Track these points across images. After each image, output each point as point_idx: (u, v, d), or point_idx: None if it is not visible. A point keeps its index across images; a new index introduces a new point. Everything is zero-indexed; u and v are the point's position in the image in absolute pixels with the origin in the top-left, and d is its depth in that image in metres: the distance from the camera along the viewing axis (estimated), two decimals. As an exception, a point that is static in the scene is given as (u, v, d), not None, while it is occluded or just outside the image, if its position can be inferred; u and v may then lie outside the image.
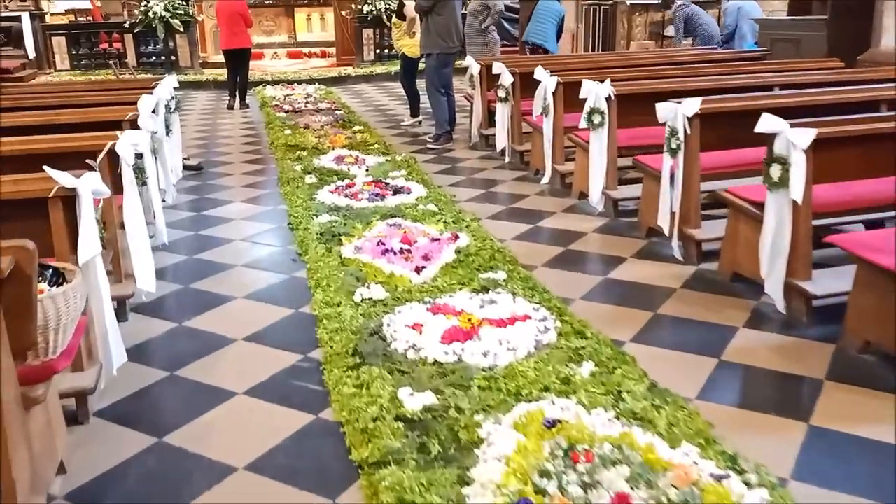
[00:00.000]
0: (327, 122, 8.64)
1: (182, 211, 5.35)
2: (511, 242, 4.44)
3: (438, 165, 6.63)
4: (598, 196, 4.88)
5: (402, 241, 4.27)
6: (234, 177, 6.42)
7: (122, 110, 4.30)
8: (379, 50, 13.73)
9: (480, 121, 7.33)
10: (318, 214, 5.00)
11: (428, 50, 7.27)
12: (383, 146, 7.33)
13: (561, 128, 5.58)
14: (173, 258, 4.35)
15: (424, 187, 5.65)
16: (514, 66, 6.39)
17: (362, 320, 3.34)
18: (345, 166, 6.40)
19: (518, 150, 6.48)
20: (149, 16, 12.50)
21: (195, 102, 11.28)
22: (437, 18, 7.10)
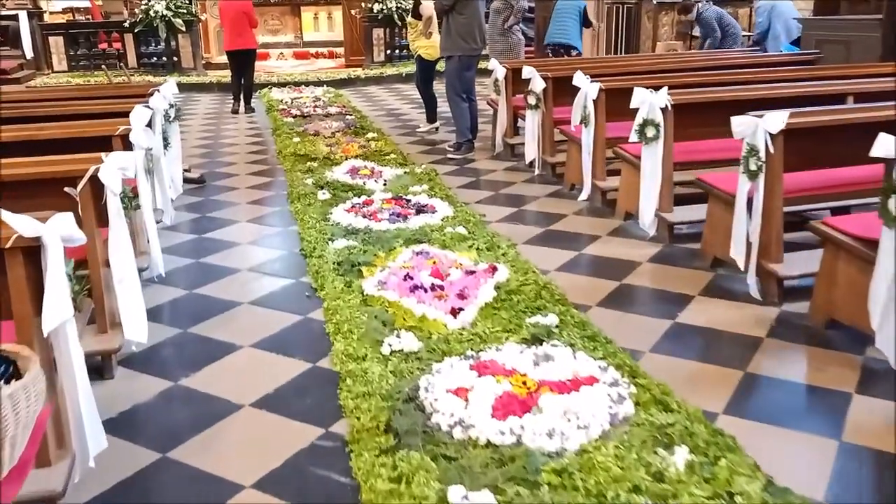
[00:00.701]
0: (338, 129, 8.09)
1: (181, 233, 4.80)
2: (556, 275, 3.88)
3: (461, 178, 6.08)
4: (649, 219, 4.32)
5: (433, 275, 3.72)
6: (240, 191, 5.86)
7: (112, 124, 3.75)
8: (389, 50, 13.18)
9: (505, 129, 6.77)
10: (333, 238, 4.45)
11: (449, 52, 6.71)
12: (400, 156, 6.77)
13: (603, 139, 5.02)
14: (169, 293, 3.80)
15: (450, 205, 5.09)
16: (546, 71, 5.82)
17: (393, 380, 2.78)
18: (360, 180, 5.84)
19: (550, 163, 5.92)
20: (150, 15, 11.97)
21: (198, 106, 10.75)
22: (459, 18, 6.54)
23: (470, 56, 6.73)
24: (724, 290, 3.60)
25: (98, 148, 3.61)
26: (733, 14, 10.82)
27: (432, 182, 5.79)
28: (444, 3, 6.51)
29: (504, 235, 4.47)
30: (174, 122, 5.44)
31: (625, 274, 3.87)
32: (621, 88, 4.90)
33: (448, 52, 6.71)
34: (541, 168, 6.01)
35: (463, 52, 6.65)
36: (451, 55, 6.69)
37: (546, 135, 5.90)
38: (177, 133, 5.50)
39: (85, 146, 3.65)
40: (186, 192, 5.76)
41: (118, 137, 3.67)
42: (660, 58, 7.27)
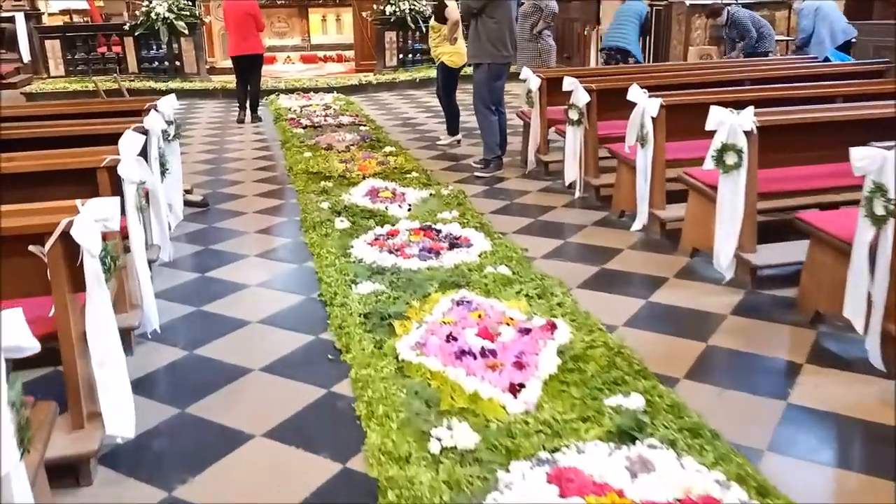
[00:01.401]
0: (353, 142, 7.47)
1: (181, 271, 4.18)
2: (625, 332, 3.26)
3: (493, 202, 5.46)
4: (727, 260, 3.69)
5: (481, 334, 3.10)
6: (247, 217, 5.25)
7: (97, 154, 3.13)
8: (402, 55, 12.56)
9: (539, 144, 6.15)
10: (356, 280, 3.83)
11: (477, 59, 6.09)
12: (423, 174, 6.15)
13: (663, 163, 4.40)
14: (165, 354, 3.19)
15: (486, 237, 4.47)
16: (590, 82, 5.20)
17: (449, 496, 2.16)
18: (381, 203, 5.23)
19: (594, 185, 5.29)
20: (150, 17, 11.37)
21: (201, 114, 10.14)
22: (489, 22, 5.92)
23: (500, 64, 6.11)
24: (836, 358, 2.97)
25: (79, 183, 3.03)
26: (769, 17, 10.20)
27: (462, 207, 5.17)
28: (472, 5, 5.89)
29: (554, 277, 3.85)
30: (174, 141, 4.83)
31: (708, 331, 3.24)
32: (685, 104, 4.29)
33: (477, 60, 6.09)
34: (582, 190, 5.39)
35: (493, 59, 6.03)
36: (479, 63, 6.07)
37: (589, 154, 5.27)
38: (177, 153, 4.89)
39: (64, 180, 3.06)
40: (188, 218, 5.15)
41: (104, 170, 3.06)
42: (718, 66, 6.57)
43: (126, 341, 2.85)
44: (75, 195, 2.40)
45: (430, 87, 12.18)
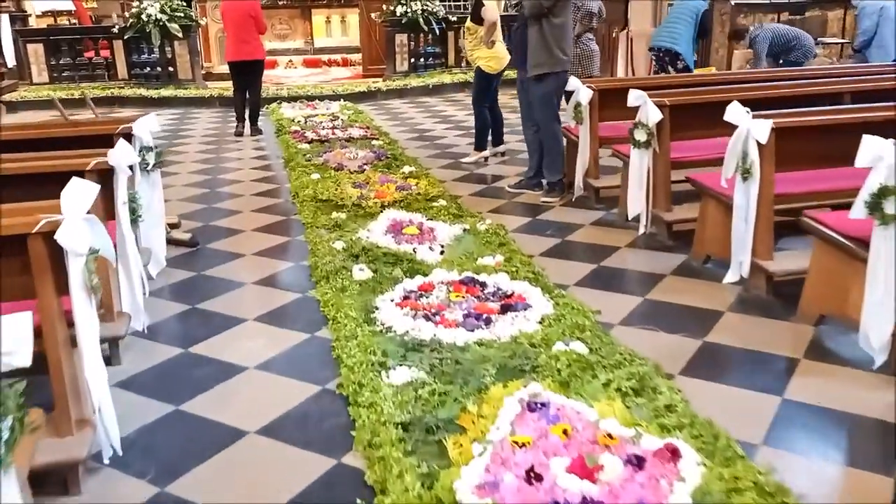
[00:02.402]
0: (366, 161, 6.55)
1: (159, 344, 3.25)
2: (771, 454, 2.33)
3: (541, 239, 4.53)
4: (881, 339, 2.76)
5: (577, 470, 2.17)
6: (244, 261, 4.32)
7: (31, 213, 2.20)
8: (414, 59, 11.63)
9: (588, 167, 5.23)
10: (387, 365, 2.91)
11: (544, 69, 5.08)
12: (451, 203, 5.23)
13: (771, 201, 3.48)
14: (121, 490, 2.26)
15: (544, 293, 3.55)
16: (664, 97, 4.28)
17: None
18: (407, 244, 4.31)
19: (665, 221, 4.36)
20: (141, 19, 10.45)
21: (196, 125, 9.22)
22: (555, 23, 4.99)
23: (566, 72, 5.20)
24: None
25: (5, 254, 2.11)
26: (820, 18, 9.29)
27: (506, 248, 4.25)
28: (544, 3, 4.91)
29: (645, 357, 2.92)
30: (155, 172, 3.92)
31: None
32: (802, 127, 3.37)
33: (543, 69, 5.08)
34: (649, 226, 4.47)
35: (563, 67, 5.11)
36: (548, 72, 5.09)
37: (659, 183, 4.35)
38: (158, 186, 3.98)
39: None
40: (173, 262, 4.24)
41: (37, 237, 2.13)
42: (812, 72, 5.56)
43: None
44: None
45: (444, 93, 11.30)
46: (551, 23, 4.96)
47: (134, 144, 3.78)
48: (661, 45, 7.32)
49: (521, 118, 5.55)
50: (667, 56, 7.32)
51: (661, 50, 7.35)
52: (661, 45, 7.32)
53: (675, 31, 7.23)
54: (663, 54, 7.35)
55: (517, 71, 5.38)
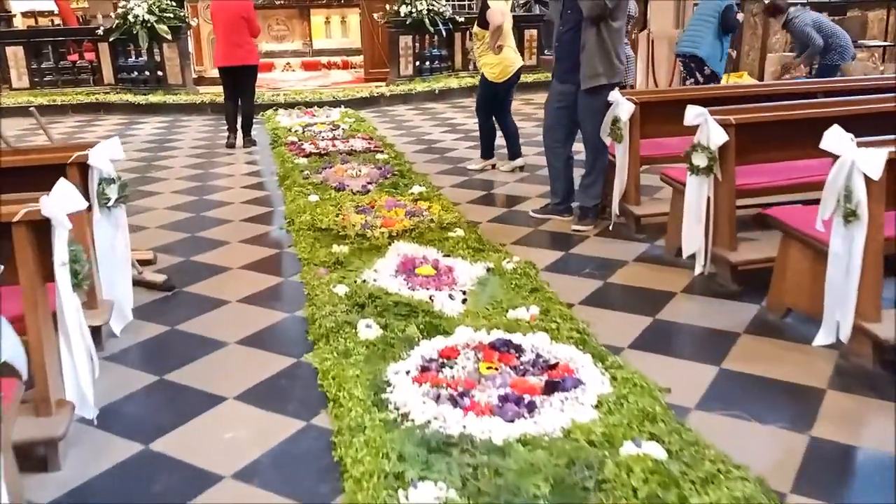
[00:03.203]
0: (370, 178, 5.86)
1: (111, 437, 2.54)
2: None
3: (578, 281, 3.84)
4: None
5: None
6: (228, 311, 3.62)
7: None
8: (419, 62, 10.93)
9: (625, 189, 4.54)
10: (406, 479, 2.20)
11: (601, 80, 4.37)
12: (470, 232, 4.54)
13: (880, 250, 2.79)
14: None
15: (595, 362, 2.87)
16: (727, 113, 3.59)
17: None
18: (422, 289, 3.62)
19: (730, 262, 3.66)
20: (128, 20, 9.75)
21: (185, 134, 8.52)
22: (614, 27, 4.31)
23: (621, 83, 4.54)
24: None
25: None
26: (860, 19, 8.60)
27: (540, 294, 3.57)
28: (607, 3, 4.20)
29: (747, 465, 2.23)
30: (118, 208, 3.23)
31: None
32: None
33: (602, 80, 4.37)
34: (708, 265, 3.77)
35: (619, 77, 4.46)
36: (605, 84, 4.39)
37: (723, 217, 3.65)
38: (122, 225, 3.27)
39: None
40: (142, 311, 3.54)
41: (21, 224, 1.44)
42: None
43: None
44: None
45: (451, 99, 10.63)
46: (610, 26, 4.28)
47: (91, 177, 3.10)
48: (684, 52, 6.66)
49: (545, 134, 4.85)
50: (692, 62, 6.65)
51: (686, 56, 6.68)
52: (684, 52, 6.66)
53: (696, 34, 6.58)
54: (688, 60, 6.69)
55: (558, 81, 4.67)
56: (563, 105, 4.63)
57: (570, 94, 4.56)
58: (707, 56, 6.53)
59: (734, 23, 6.62)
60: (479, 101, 6.26)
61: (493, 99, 6.24)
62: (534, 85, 11.10)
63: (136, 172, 6.58)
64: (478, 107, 6.30)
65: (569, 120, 4.65)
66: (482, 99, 6.23)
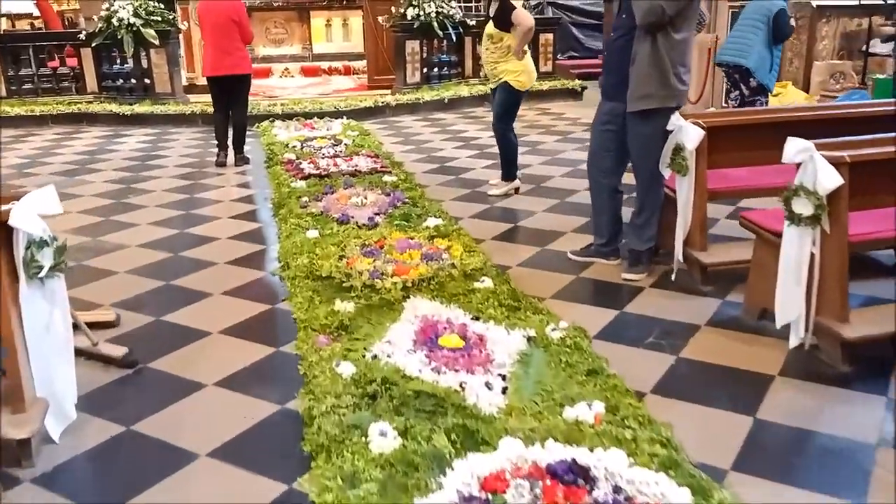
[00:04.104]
0: (378, 208, 5.08)
1: None
2: None
3: (647, 357, 3.06)
4: None
5: None
6: (202, 401, 2.83)
7: None
8: (426, 69, 10.16)
9: (692, 233, 3.76)
10: None
11: (653, 102, 3.59)
12: (501, 283, 3.77)
13: None
14: None
15: (696, 498, 2.09)
16: (837, 148, 2.81)
17: None
18: (450, 372, 2.84)
19: (846, 339, 2.87)
20: (112, 23, 8.97)
21: (171, 149, 7.74)
22: (675, 39, 3.53)
23: (680, 107, 3.72)
24: None
25: None
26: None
27: (601, 379, 2.79)
28: (666, 4, 3.42)
29: None
30: (53, 279, 2.45)
31: None
32: None
33: (654, 102, 3.59)
34: (810, 337, 2.98)
35: (679, 101, 3.67)
36: (659, 108, 3.61)
37: (832, 279, 2.87)
38: (59, 299, 2.48)
39: None
40: (92, 401, 2.76)
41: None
42: None
43: None
44: None
45: (461, 108, 9.85)
46: (670, 38, 3.50)
47: (16, 240, 2.33)
48: (727, 61, 5.87)
49: (589, 161, 4.07)
50: (735, 73, 5.87)
51: (729, 66, 5.89)
52: (727, 61, 5.87)
53: (743, 41, 5.78)
54: (731, 70, 5.91)
55: (605, 98, 3.91)
56: (611, 128, 3.85)
57: (619, 114, 3.78)
58: (755, 67, 5.74)
59: (787, 30, 5.84)
60: (500, 113, 5.49)
61: (516, 109, 5.55)
62: (550, 93, 10.38)
63: (111, 198, 5.80)
64: (497, 120, 5.54)
65: (618, 145, 3.87)
66: (504, 110, 5.48)
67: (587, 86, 10.82)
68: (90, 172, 6.70)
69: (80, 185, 6.21)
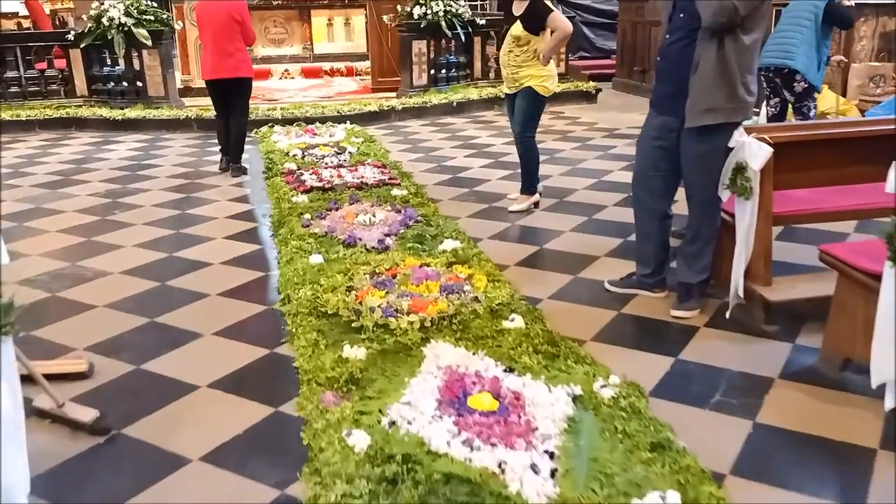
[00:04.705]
0: (389, 228, 4.59)
1: None
2: None
3: (713, 420, 2.57)
4: None
5: None
6: (187, 477, 2.33)
7: None
8: (433, 70, 9.66)
9: (753, 264, 3.27)
10: None
11: (719, 117, 3.09)
12: (532, 322, 3.28)
13: None
14: None
15: None
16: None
17: None
18: (485, 447, 2.35)
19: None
20: (102, 23, 8.47)
21: (164, 157, 7.24)
22: (744, 44, 3.02)
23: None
24: None
25: None
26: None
27: (669, 457, 2.30)
28: (739, 3, 2.90)
29: None
30: None
31: None
32: None
33: (720, 117, 3.09)
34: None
35: (744, 114, 3.16)
36: (724, 122, 3.11)
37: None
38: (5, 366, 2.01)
39: None
40: (51, 482, 2.28)
41: None
42: None
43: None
44: None
45: (470, 112, 9.37)
46: (739, 42, 3.00)
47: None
48: (769, 63, 5.34)
49: (635, 182, 3.57)
50: (777, 76, 5.34)
51: (770, 69, 5.36)
52: (769, 63, 5.34)
53: (788, 41, 5.26)
54: (773, 74, 5.37)
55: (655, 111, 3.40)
56: (662, 143, 3.35)
57: (672, 129, 3.28)
58: (804, 68, 5.24)
59: (849, 13, 5.29)
60: (524, 121, 5.00)
61: (539, 117, 5.08)
62: (563, 95, 9.85)
63: (95, 214, 5.31)
64: (521, 129, 5.04)
65: (669, 165, 3.37)
66: (527, 118, 4.99)
67: (601, 88, 10.34)
68: (75, 184, 6.20)
69: (63, 200, 5.71)
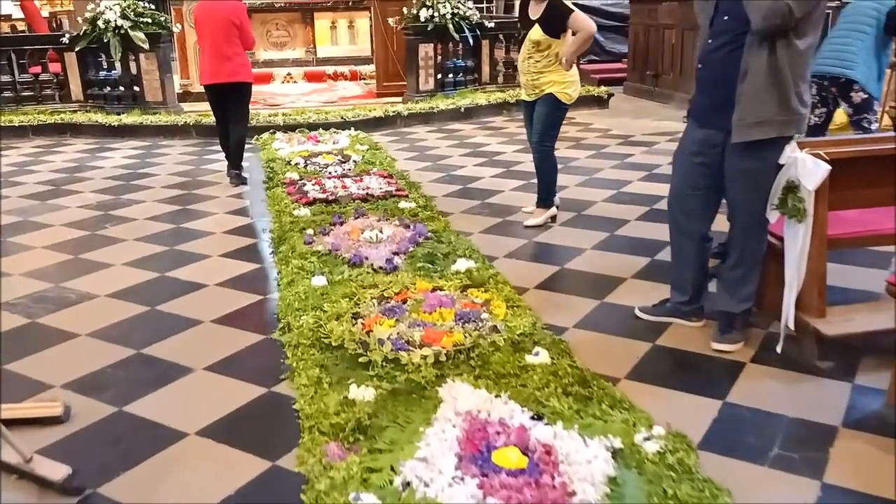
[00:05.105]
0: (397, 246, 4.26)
1: None
2: None
3: (772, 481, 2.24)
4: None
5: None
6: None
7: None
8: (440, 75, 9.34)
9: (804, 293, 2.94)
10: None
11: (770, 130, 2.76)
12: (558, 355, 2.95)
13: None
14: None
15: None
16: None
17: None
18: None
19: None
20: (98, 26, 8.17)
21: (160, 166, 6.93)
22: (798, 49, 2.69)
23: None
24: None
25: None
26: None
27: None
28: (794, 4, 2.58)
29: None
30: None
31: None
32: None
33: (772, 130, 2.77)
34: None
35: (797, 127, 2.81)
36: (776, 137, 2.79)
37: None
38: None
39: None
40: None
41: None
42: None
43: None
44: None
45: (479, 118, 9.04)
46: (792, 47, 2.67)
47: None
48: (824, 72, 4.89)
49: (671, 201, 3.22)
50: (833, 86, 4.91)
51: (825, 77, 4.92)
52: (824, 72, 4.89)
53: (847, 48, 4.84)
54: (828, 83, 4.93)
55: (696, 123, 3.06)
56: (703, 160, 3.02)
57: (716, 144, 2.95)
58: (864, 79, 4.78)
59: None
60: (543, 130, 4.69)
61: (559, 126, 4.78)
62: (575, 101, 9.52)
63: (85, 228, 4.99)
64: (540, 139, 4.74)
65: (709, 182, 3.04)
66: (549, 127, 4.70)
67: (613, 93, 10.01)
68: (66, 195, 5.89)
69: (52, 212, 5.40)
